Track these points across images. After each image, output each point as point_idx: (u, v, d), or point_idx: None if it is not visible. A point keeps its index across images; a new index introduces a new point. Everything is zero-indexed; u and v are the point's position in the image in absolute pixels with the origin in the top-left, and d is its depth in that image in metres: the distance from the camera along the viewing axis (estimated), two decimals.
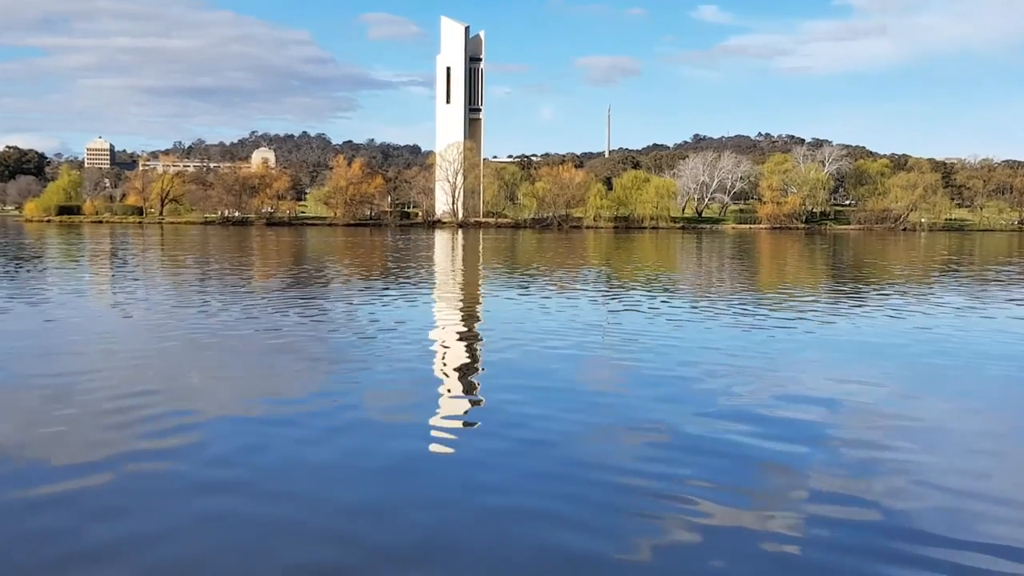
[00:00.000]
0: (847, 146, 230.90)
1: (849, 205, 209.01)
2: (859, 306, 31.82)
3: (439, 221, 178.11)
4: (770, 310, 30.02)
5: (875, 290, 39.71)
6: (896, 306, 31.71)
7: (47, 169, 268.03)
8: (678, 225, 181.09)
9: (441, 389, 16.38)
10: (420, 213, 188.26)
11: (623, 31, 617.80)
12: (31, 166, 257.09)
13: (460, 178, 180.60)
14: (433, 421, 13.72)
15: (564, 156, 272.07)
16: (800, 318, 27.62)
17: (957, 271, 54.36)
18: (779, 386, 16.60)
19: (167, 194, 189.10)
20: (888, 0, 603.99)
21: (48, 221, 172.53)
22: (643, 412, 14.24)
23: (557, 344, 21.25)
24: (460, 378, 17.55)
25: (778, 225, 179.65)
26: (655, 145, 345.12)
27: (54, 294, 32.54)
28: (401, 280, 42.20)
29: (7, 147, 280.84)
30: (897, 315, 28.93)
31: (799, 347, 21.82)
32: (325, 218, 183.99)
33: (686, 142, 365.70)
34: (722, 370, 18.03)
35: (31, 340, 21.42)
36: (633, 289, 38.69)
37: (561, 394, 15.66)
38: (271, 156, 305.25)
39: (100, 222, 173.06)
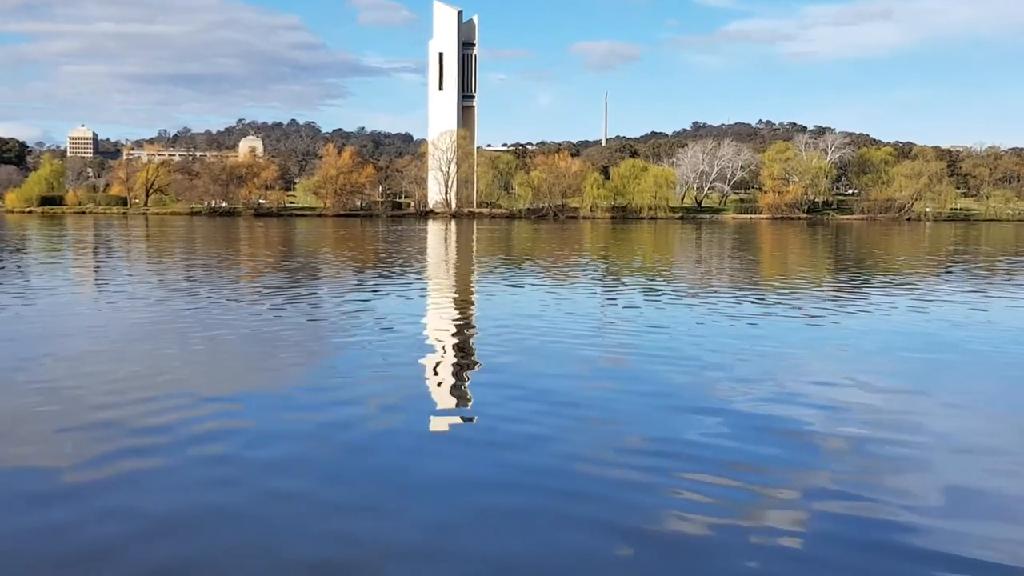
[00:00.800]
0: (850, 134, 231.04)
1: (852, 194, 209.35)
2: (873, 297, 31.51)
3: (432, 211, 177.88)
4: (779, 301, 29.67)
5: (887, 281, 39.38)
6: (914, 296, 31.32)
7: (28, 158, 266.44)
8: (677, 215, 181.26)
9: (455, 379, 16.34)
10: (412, 203, 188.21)
11: (623, 15, 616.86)
12: (12, 155, 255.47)
13: (453, 167, 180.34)
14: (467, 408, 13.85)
15: (560, 145, 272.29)
16: (813, 309, 27.28)
17: (969, 262, 54.07)
18: (798, 375, 16.47)
19: (152, 184, 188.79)
20: None
21: (29, 212, 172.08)
22: (657, 399, 14.16)
23: (566, 337, 20.91)
24: (471, 368, 17.31)
25: (779, 215, 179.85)
26: (653, 133, 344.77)
27: (40, 290, 32.08)
28: (394, 273, 41.82)
29: None
30: (917, 305, 28.64)
31: (816, 338, 21.57)
32: (314, 208, 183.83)
33: (685, 130, 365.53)
34: (734, 362, 17.80)
35: (20, 341, 21.02)
36: (634, 281, 38.38)
37: (574, 384, 15.54)
38: (259, 145, 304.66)
39: (83, 213, 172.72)
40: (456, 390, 15.88)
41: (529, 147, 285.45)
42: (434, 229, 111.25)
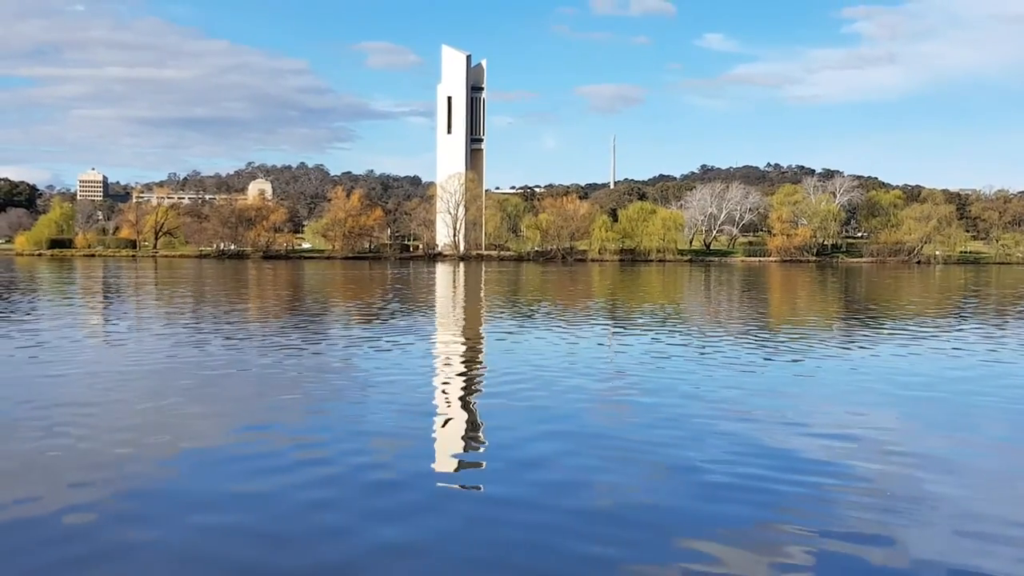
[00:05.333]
0: (859, 177, 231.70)
1: (861, 237, 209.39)
2: (886, 343, 31.63)
3: (440, 254, 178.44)
4: (791, 346, 29.83)
5: (901, 327, 39.41)
6: (929, 343, 31.39)
7: (39, 201, 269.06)
8: (685, 258, 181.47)
9: (471, 426, 16.43)
10: (420, 246, 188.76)
11: (628, 59, 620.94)
12: (22, 198, 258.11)
13: (461, 210, 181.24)
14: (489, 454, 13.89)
15: (568, 187, 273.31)
16: (826, 355, 27.50)
17: (982, 306, 54.02)
18: (804, 423, 16.54)
19: (161, 227, 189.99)
20: (897, 28, 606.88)
21: (39, 255, 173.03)
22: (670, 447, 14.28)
23: (575, 382, 21.13)
24: (479, 416, 17.51)
25: (788, 258, 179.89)
26: (661, 176, 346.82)
27: (52, 333, 32.29)
28: (405, 315, 42.09)
29: None
30: (934, 351, 28.66)
31: (830, 384, 21.70)
32: (323, 251, 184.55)
33: (693, 173, 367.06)
34: (743, 409, 17.91)
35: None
36: (644, 325, 38.54)
37: (588, 439, 15.58)
38: (268, 188, 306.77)
39: (92, 256, 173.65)
40: (470, 437, 16.02)
41: (537, 189, 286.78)
42: (442, 271, 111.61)
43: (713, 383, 21.32)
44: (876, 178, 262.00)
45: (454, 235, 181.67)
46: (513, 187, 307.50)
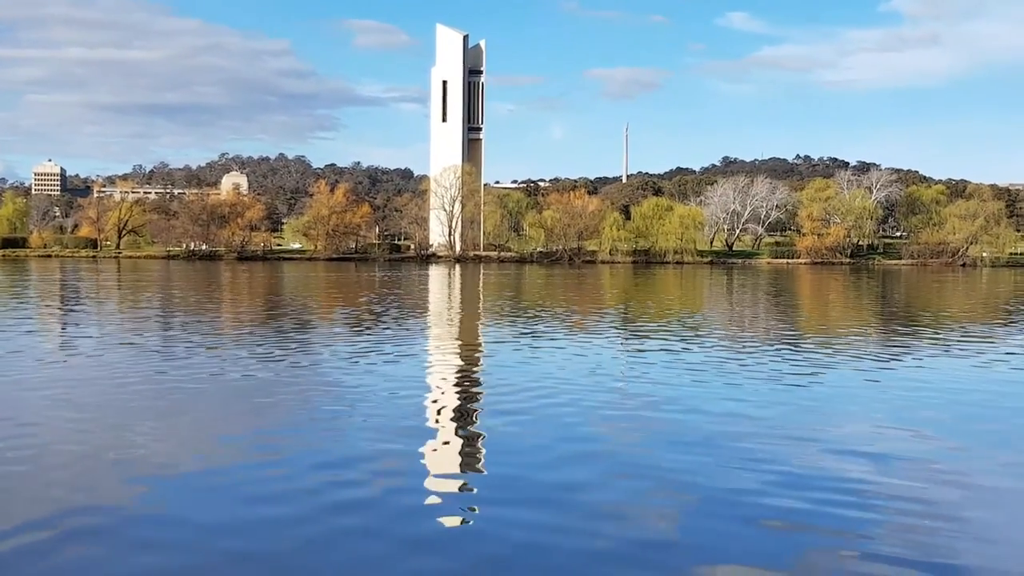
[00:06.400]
0: (897, 170, 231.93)
1: (900, 237, 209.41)
2: (941, 356, 31.47)
3: (434, 255, 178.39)
4: (831, 359, 29.70)
5: (959, 338, 39.30)
6: (987, 355, 31.22)
7: None
8: (706, 259, 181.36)
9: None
10: (412, 246, 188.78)
11: (643, 40, 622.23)
12: None
13: (458, 206, 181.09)
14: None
15: (576, 181, 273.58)
16: (877, 368, 27.30)
17: None
18: (846, 443, 16.47)
19: (125, 225, 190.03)
20: (941, 6, 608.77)
21: None
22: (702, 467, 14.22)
23: (579, 406, 21.10)
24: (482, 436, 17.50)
25: (819, 260, 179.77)
26: (679, 169, 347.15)
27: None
28: (394, 324, 41.97)
29: None
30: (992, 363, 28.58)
31: (890, 400, 21.60)
32: (304, 251, 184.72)
33: (714, 165, 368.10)
34: (771, 427, 17.80)
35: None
36: (662, 336, 38.40)
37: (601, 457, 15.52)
38: (243, 181, 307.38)
39: (49, 256, 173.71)
40: (458, 460, 16.04)
41: (541, 184, 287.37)
42: (436, 274, 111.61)
43: (740, 396, 21.28)
44: (917, 172, 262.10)
45: (449, 234, 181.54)
46: (515, 181, 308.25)
